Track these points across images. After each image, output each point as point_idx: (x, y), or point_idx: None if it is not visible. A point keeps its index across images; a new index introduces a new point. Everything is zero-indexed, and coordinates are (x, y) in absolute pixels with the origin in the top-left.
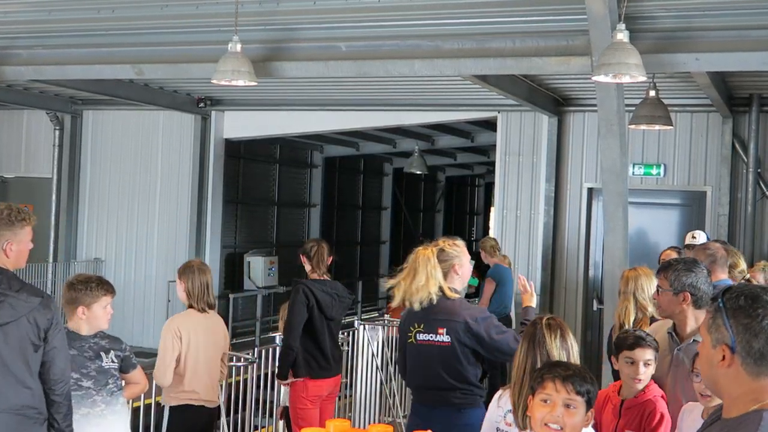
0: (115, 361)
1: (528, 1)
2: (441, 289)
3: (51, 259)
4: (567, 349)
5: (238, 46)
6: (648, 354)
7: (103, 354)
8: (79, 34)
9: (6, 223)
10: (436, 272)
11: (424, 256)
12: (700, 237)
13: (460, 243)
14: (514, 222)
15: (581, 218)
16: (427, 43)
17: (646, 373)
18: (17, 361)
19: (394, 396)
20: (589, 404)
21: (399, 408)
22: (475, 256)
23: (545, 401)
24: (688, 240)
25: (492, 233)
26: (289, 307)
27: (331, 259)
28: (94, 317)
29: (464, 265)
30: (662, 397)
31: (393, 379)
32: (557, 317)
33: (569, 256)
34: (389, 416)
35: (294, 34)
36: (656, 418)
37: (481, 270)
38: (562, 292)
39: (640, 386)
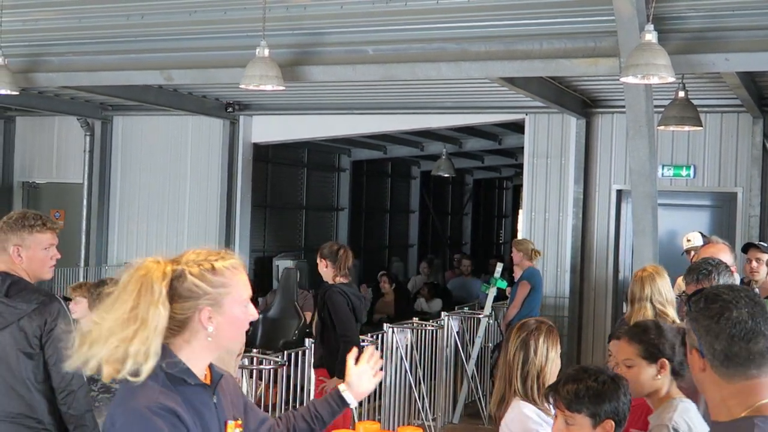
0: None
1: (555, 3)
2: None
3: (82, 264)
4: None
5: (266, 51)
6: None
7: None
8: (109, 41)
9: (11, 227)
10: None
11: None
12: (695, 239)
13: None
14: (543, 224)
15: (610, 220)
16: (453, 45)
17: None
18: (6, 369)
19: (424, 399)
20: (595, 417)
21: (429, 411)
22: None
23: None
24: (685, 244)
25: (520, 236)
26: (335, 310)
27: (351, 262)
28: None
29: None
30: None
31: (422, 382)
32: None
33: (598, 258)
34: (419, 419)
35: (321, 38)
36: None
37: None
38: (592, 295)
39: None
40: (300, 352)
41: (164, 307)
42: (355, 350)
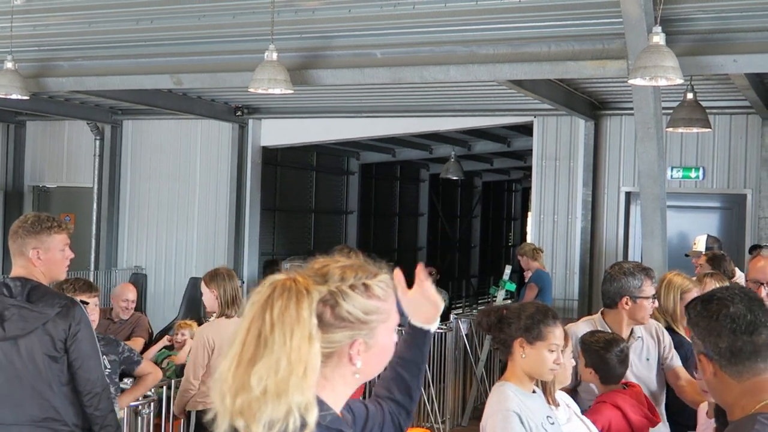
0: (109, 366)
1: (563, 6)
2: None
3: (92, 268)
4: None
5: (275, 55)
6: None
7: None
8: (119, 45)
9: (29, 231)
10: None
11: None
12: (699, 244)
13: None
14: (552, 227)
15: (619, 223)
16: (462, 48)
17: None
18: (32, 373)
19: (433, 402)
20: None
21: (438, 414)
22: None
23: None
24: (692, 247)
25: (529, 238)
26: None
27: None
28: None
29: None
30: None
31: (431, 384)
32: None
33: (607, 260)
34: (428, 422)
35: (329, 41)
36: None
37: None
38: (600, 297)
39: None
40: None
41: (318, 341)
42: (399, 272)
